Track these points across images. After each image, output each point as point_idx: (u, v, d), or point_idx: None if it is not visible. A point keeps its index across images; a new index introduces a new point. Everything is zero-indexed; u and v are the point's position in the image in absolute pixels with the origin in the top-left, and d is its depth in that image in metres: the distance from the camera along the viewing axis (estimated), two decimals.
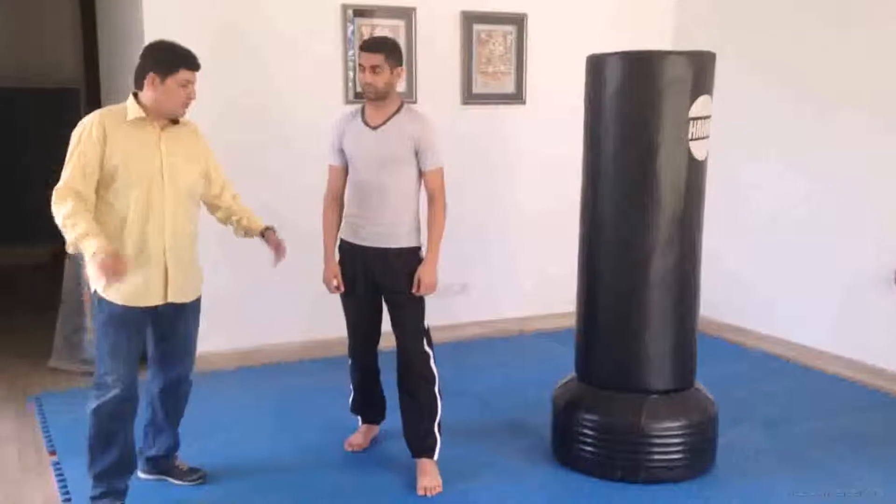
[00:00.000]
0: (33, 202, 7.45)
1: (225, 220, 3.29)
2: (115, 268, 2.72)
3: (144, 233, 2.92)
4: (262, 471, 3.41)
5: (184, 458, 3.41)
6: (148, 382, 3.24)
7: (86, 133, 2.85)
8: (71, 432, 3.78)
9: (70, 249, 2.83)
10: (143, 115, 2.92)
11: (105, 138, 2.84)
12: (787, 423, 4.01)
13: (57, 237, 2.91)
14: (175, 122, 3.01)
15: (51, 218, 2.86)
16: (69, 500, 3.23)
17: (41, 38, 7.73)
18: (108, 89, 6.05)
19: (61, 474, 3.44)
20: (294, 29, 4.80)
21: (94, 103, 6.74)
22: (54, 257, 6.66)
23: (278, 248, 3.23)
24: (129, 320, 2.95)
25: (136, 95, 2.96)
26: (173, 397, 3.25)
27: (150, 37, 4.52)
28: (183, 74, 2.91)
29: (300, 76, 4.83)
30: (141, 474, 3.32)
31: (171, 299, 3.01)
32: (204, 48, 4.54)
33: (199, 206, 3.17)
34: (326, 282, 3.42)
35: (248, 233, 3.28)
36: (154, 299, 2.98)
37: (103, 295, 2.93)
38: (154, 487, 3.30)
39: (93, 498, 3.05)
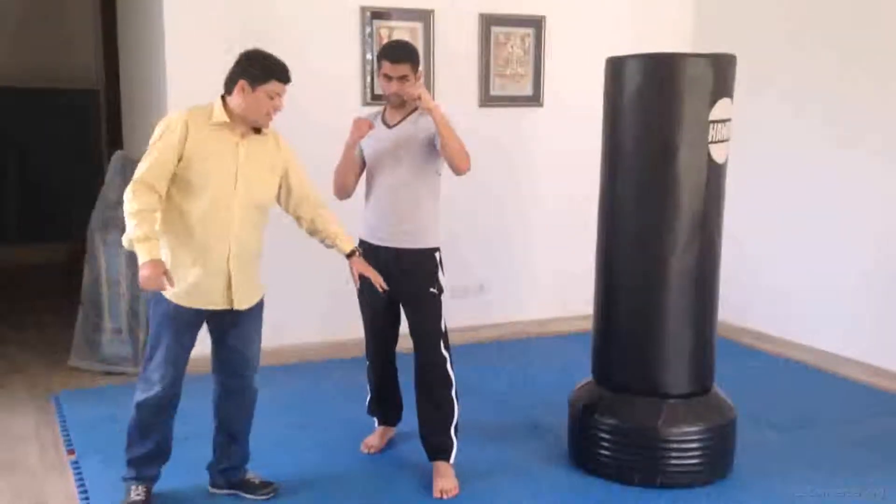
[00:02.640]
0: (51, 202, 7.61)
1: (310, 234, 3.26)
2: (156, 282, 2.76)
3: (209, 237, 2.91)
4: (277, 471, 3.41)
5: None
6: (213, 392, 3.20)
7: (169, 129, 2.87)
8: (90, 431, 3.81)
9: (125, 244, 2.89)
10: (227, 119, 2.92)
11: (186, 137, 2.85)
12: (805, 427, 3.98)
13: (74, 236, 2.94)
14: (258, 131, 3.00)
15: (68, 217, 2.88)
16: (87, 499, 3.25)
17: (61, 39, 7.78)
18: (127, 91, 6.09)
19: (80, 473, 3.45)
20: (312, 31, 4.81)
21: (114, 105, 6.79)
22: (72, 256, 6.72)
23: (363, 275, 3.21)
24: (183, 320, 2.97)
25: (223, 99, 2.95)
26: (239, 406, 3.20)
27: (170, 39, 4.60)
28: (273, 86, 2.90)
29: (318, 78, 4.83)
30: (211, 489, 3.28)
31: (235, 307, 3.00)
32: (221, 50, 4.58)
33: (268, 219, 3.12)
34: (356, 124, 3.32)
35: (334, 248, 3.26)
36: (216, 304, 2.98)
37: (162, 292, 2.93)
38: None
39: (124, 478, 3.13)
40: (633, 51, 3.39)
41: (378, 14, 4.91)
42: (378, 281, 3.21)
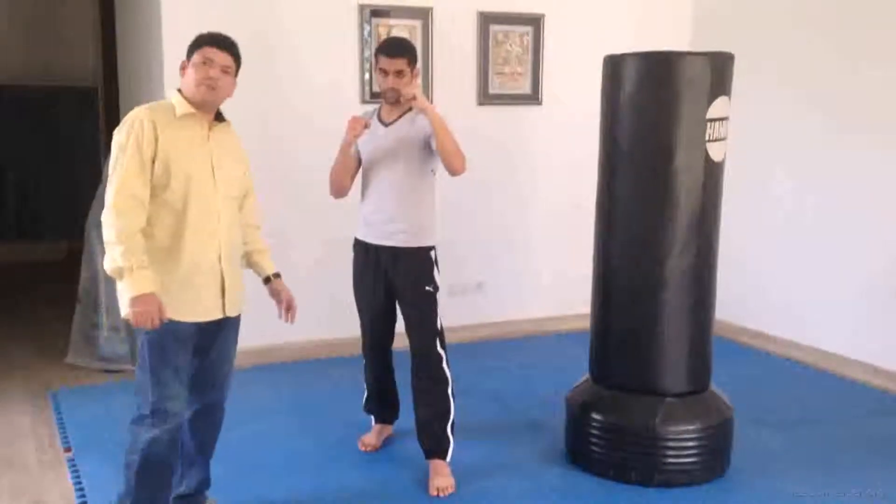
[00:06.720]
0: (50, 199, 7.61)
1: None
2: (152, 320, 2.51)
3: (200, 243, 2.66)
4: (274, 469, 3.41)
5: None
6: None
7: (136, 131, 2.57)
8: (87, 428, 3.81)
9: (108, 272, 2.60)
10: (193, 110, 2.67)
11: (156, 136, 2.58)
12: (804, 426, 3.98)
13: (73, 234, 2.82)
14: (219, 119, 2.77)
15: (67, 215, 2.77)
16: (84, 496, 3.24)
17: (60, 37, 7.79)
18: (126, 89, 6.09)
19: (77, 471, 3.45)
20: (311, 29, 4.80)
21: (112, 103, 6.79)
22: (70, 253, 6.73)
23: (288, 307, 2.99)
24: (185, 338, 2.67)
25: (180, 91, 2.72)
26: (206, 425, 2.92)
27: (168, 37, 4.59)
28: (203, 51, 2.66)
29: (316, 77, 4.84)
30: None
31: (228, 313, 2.76)
32: None
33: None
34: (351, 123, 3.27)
35: (253, 268, 2.98)
36: (212, 313, 2.72)
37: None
38: None
39: None
40: (631, 49, 3.39)
41: (377, 12, 4.90)
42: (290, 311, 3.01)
